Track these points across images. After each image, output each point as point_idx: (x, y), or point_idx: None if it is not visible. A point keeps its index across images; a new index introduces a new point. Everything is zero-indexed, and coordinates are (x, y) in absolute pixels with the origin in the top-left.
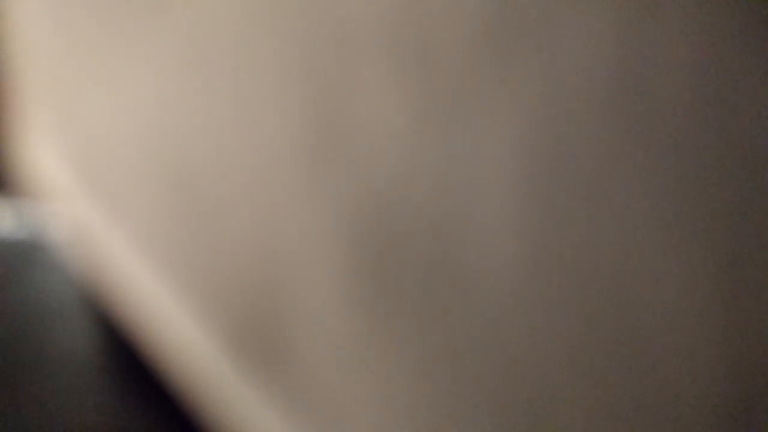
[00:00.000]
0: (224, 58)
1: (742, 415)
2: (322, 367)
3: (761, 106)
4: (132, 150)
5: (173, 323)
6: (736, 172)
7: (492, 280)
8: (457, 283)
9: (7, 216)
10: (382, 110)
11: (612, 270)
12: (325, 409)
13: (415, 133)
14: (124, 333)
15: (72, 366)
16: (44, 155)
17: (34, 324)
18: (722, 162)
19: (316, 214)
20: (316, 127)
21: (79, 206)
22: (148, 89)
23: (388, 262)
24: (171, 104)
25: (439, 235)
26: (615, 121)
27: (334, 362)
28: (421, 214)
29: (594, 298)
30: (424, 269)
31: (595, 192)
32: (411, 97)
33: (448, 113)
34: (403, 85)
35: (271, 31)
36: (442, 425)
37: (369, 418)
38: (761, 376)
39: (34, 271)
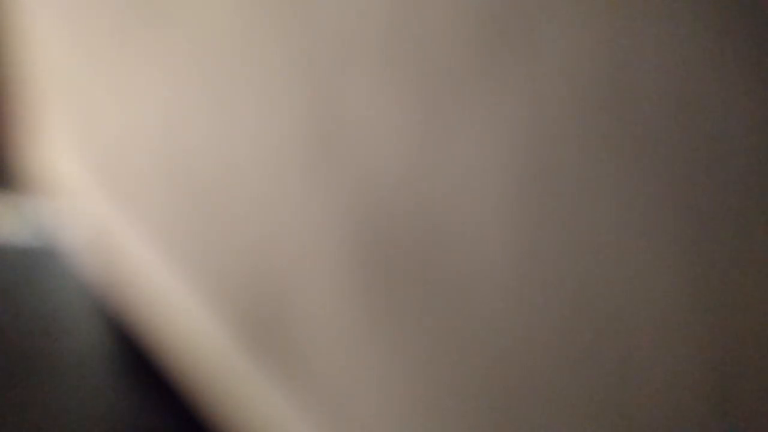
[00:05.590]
0: (230, 67)
1: (724, 412)
2: (325, 356)
3: (748, 112)
4: (145, 153)
5: (185, 319)
6: (721, 176)
7: (485, 277)
8: (450, 277)
9: (22, 218)
10: (378, 112)
11: (598, 269)
12: (329, 394)
13: (409, 133)
14: (136, 333)
15: (85, 368)
16: (61, 158)
17: (47, 325)
18: (708, 166)
19: (318, 211)
20: (317, 129)
21: (94, 208)
22: (161, 94)
23: (386, 256)
24: (182, 109)
25: (434, 231)
26: (604, 125)
27: (336, 351)
28: (416, 211)
29: (581, 296)
30: (420, 263)
31: (584, 194)
32: (405, 99)
33: (441, 113)
34: (397, 87)
35: (273, 41)
36: (439, 409)
37: (371, 404)
38: (743, 375)
39: (48, 274)
